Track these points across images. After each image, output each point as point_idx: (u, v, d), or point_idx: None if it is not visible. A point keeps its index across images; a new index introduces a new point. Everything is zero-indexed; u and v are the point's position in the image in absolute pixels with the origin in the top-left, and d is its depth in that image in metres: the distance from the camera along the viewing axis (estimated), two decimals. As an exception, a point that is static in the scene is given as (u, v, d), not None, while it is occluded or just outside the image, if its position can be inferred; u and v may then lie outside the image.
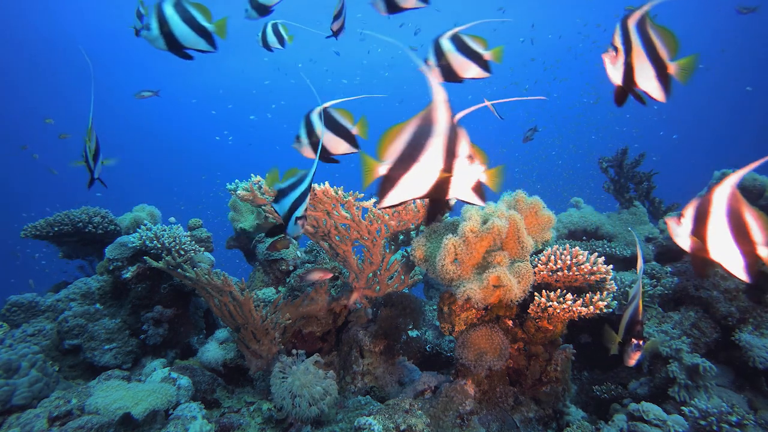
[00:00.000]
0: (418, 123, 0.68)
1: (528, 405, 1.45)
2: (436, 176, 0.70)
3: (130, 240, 1.97)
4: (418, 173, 0.70)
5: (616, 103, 0.99)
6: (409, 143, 0.70)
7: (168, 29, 1.20)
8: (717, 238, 0.76)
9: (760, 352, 1.66)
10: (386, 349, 1.90)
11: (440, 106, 0.67)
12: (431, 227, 1.55)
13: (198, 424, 1.47)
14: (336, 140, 1.19)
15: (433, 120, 0.67)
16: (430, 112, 0.67)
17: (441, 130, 0.67)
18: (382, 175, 0.73)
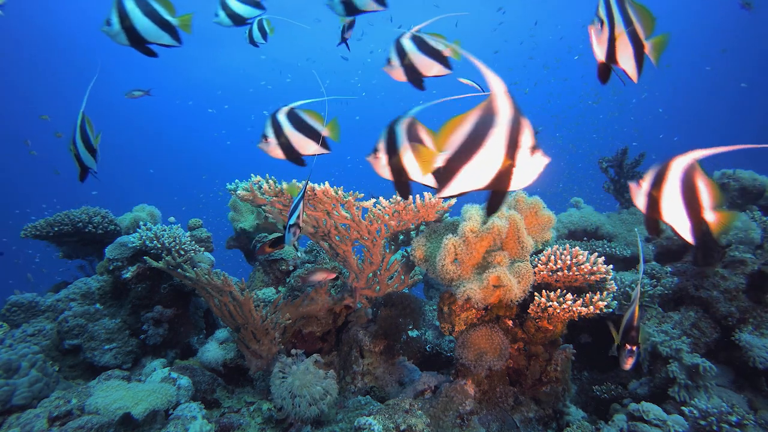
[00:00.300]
0: (479, 113, 0.68)
1: (528, 405, 1.45)
2: (498, 167, 0.69)
3: (130, 240, 1.97)
4: (479, 164, 0.70)
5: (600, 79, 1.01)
6: (469, 134, 0.69)
7: (129, 24, 1.17)
8: (669, 201, 0.84)
9: (760, 352, 1.67)
10: (386, 349, 1.90)
11: (501, 96, 0.66)
12: (431, 227, 1.55)
13: (198, 424, 1.47)
14: (305, 141, 1.18)
15: (494, 110, 0.67)
16: (491, 102, 0.66)
17: (503, 120, 0.66)
18: (440, 166, 0.72)
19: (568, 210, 2.78)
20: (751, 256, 1.85)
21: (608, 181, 2.92)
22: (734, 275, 1.84)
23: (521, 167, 0.68)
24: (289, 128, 1.16)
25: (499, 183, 0.71)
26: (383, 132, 0.99)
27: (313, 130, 1.17)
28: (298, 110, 1.17)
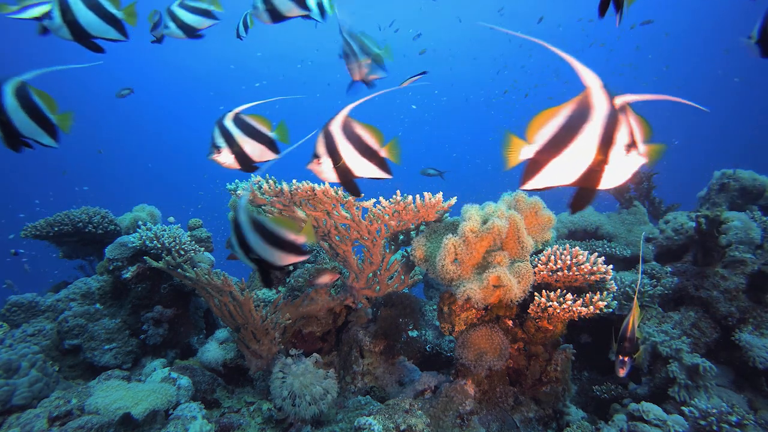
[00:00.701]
0: (573, 107, 0.65)
1: (528, 405, 1.45)
2: (589, 164, 0.66)
3: (130, 240, 1.97)
4: (569, 159, 0.67)
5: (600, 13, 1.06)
6: (561, 127, 0.66)
7: (72, 17, 1.11)
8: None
9: (760, 352, 1.67)
10: (386, 349, 1.90)
11: (597, 91, 0.63)
12: (431, 227, 1.55)
13: (198, 424, 1.47)
14: (259, 147, 1.13)
15: (590, 105, 0.64)
16: (587, 96, 0.64)
17: (598, 115, 0.64)
18: (529, 158, 0.70)
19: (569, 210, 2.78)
20: (751, 256, 1.85)
21: (608, 181, 2.91)
22: (734, 275, 1.84)
23: (614, 165, 0.65)
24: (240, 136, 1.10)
25: (588, 180, 0.68)
26: (320, 136, 0.97)
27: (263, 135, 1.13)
28: (243, 116, 1.12)
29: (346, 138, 0.98)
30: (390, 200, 1.55)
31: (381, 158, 1.01)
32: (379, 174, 1.03)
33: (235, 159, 1.12)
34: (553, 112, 0.67)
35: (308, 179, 1.55)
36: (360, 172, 1.01)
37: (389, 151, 1.01)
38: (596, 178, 0.67)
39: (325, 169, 0.99)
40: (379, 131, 1.01)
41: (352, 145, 0.98)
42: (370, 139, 0.99)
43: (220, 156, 1.11)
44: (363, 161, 1.00)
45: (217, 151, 1.10)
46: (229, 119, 1.10)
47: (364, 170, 1.01)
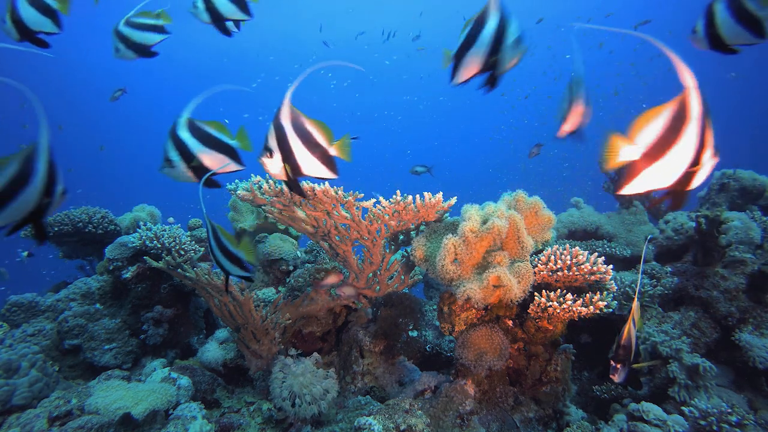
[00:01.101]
0: (673, 108, 0.65)
1: (528, 405, 1.45)
2: (685, 167, 0.66)
3: (130, 240, 1.97)
4: (667, 163, 0.66)
5: None
6: (663, 129, 0.66)
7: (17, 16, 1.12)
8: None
9: (760, 352, 1.67)
10: (386, 349, 1.90)
11: (693, 92, 0.63)
12: (431, 227, 1.55)
13: (198, 424, 1.47)
14: (220, 158, 1.03)
15: (687, 106, 0.64)
16: (685, 98, 0.64)
17: (694, 117, 0.64)
18: (630, 161, 0.69)
19: (568, 210, 2.78)
20: (751, 256, 1.85)
21: (608, 181, 2.92)
22: (734, 275, 1.84)
23: (704, 167, 0.65)
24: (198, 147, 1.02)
25: (682, 183, 0.67)
26: (272, 129, 0.92)
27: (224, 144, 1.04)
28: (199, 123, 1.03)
29: (296, 133, 0.93)
30: (390, 200, 1.55)
31: (330, 156, 0.97)
32: (326, 174, 0.98)
33: (193, 174, 1.03)
34: (655, 112, 0.66)
35: (308, 179, 1.55)
36: (308, 170, 0.96)
37: (339, 148, 0.97)
38: (689, 180, 0.66)
39: (276, 164, 0.94)
40: (328, 127, 0.96)
41: (301, 141, 0.93)
42: (319, 135, 0.95)
43: (173, 171, 1.02)
44: (312, 159, 0.95)
45: (169, 164, 1.01)
46: (184, 128, 1.01)
47: (313, 168, 0.97)
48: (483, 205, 1.43)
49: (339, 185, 1.55)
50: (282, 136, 0.92)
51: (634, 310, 1.16)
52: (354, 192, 1.56)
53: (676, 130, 0.64)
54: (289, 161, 0.94)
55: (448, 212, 1.61)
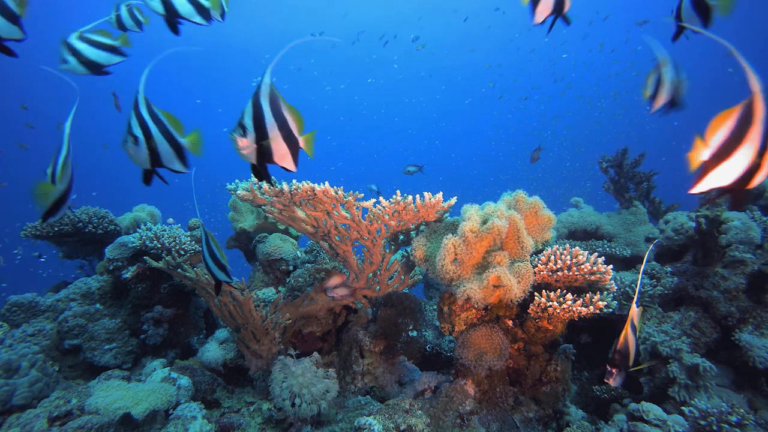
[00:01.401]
0: (741, 112, 0.69)
1: (528, 405, 1.45)
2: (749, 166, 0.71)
3: (130, 240, 1.97)
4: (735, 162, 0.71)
5: None
6: (731, 131, 0.71)
7: None
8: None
9: (760, 352, 1.66)
10: (386, 349, 1.90)
11: (758, 96, 0.66)
12: (431, 227, 1.55)
13: (198, 424, 1.47)
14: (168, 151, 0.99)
15: (753, 110, 0.68)
16: (751, 101, 0.68)
17: (760, 121, 0.67)
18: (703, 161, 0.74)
19: (568, 210, 2.78)
20: (751, 256, 1.85)
21: (608, 181, 2.92)
22: (734, 275, 1.84)
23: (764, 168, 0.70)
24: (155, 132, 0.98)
25: (744, 182, 0.72)
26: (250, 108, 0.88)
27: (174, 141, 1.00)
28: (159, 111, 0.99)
29: (273, 116, 0.89)
30: (390, 200, 1.55)
31: (297, 148, 0.94)
32: (290, 166, 0.95)
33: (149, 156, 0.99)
34: (726, 115, 0.71)
35: (308, 179, 1.55)
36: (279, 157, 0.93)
37: (306, 142, 0.95)
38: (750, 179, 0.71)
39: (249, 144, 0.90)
40: (302, 117, 0.94)
41: (277, 126, 0.90)
42: (293, 123, 0.92)
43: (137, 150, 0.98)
44: (284, 147, 0.92)
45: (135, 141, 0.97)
46: (144, 106, 0.96)
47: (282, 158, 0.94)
48: (483, 205, 1.43)
49: (339, 185, 1.55)
50: (259, 117, 0.89)
51: (633, 314, 1.15)
52: (354, 192, 1.56)
53: (742, 133, 0.69)
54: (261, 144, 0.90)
55: (448, 212, 1.61)
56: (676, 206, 2.85)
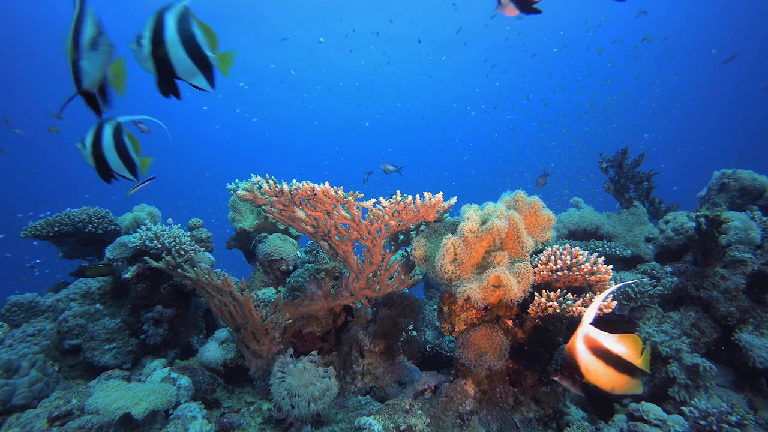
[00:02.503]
0: None
1: (528, 405, 1.45)
2: None
3: (130, 240, 1.97)
4: None
5: None
6: None
7: None
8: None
9: (760, 352, 1.66)
10: (386, 349, 1.90)
11: None
12: (431, 227, 1.55)
13: (198, 424, 1.47)
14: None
15: None
16: None
17: None
18: None
19: (568, 210, 2.78)
20: (751, 256, 1.85)
21: (608, 181, 2.92)
22: (734, 275, 1.84)
23: None
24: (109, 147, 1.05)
25: None
26: (150, 20, 0.83)
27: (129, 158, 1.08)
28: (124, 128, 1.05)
29: (177, 30, 0.84)
30: (390, 200, 1.55)
31: (209, 65, 0.89)
32: (202, 83, 0.91)
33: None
34: None
35: (308, 179, 1.55)
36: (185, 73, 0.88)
37: (222, 60, 0.90)
38: None
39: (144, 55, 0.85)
40: (214, 34, 0.89)
41: (180, 38, 0.85)
42: (203, 38, 0.88)
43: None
44: (188, 62, 0.87)
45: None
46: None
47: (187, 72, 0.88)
48: (482, 205, 1.43)
49: (339, 186, 1.55)
50: (159, 29, 0.84)
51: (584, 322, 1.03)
52: (354, 192, 1.56)
53: None
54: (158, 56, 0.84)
55: (448, 212, 1.61)
56: (676, 206, 2.85)
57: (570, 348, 1.02)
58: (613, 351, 0.98)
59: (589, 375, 0.99)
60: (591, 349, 1.00)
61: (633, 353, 0.99)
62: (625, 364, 0.98)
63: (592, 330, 1.01)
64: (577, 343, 1.01)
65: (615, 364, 0.98)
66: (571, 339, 1.02)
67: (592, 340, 1.00)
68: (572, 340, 1.02)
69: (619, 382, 0.99)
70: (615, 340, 1.00)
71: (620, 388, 0.99)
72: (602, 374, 0.98)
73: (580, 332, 1.01)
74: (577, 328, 1.02)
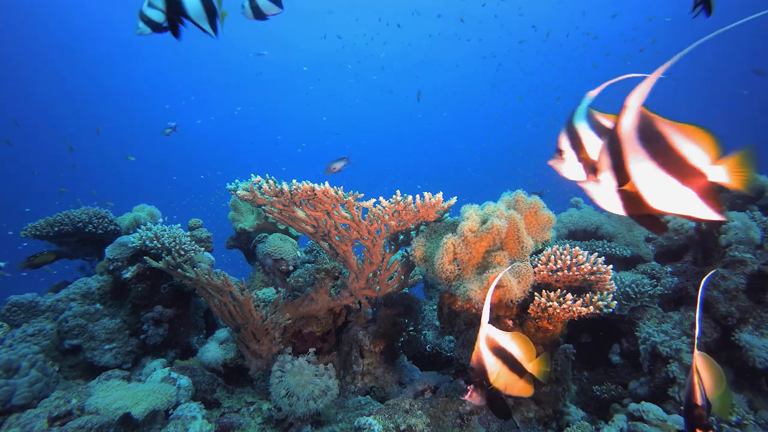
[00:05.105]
0: None
1: (528, 405, 1.45)
2: None
3: (130, 240, 1.97)
4: None
5: None
6: None
7: None
8: None
9: (760, 352, 1.66)
10: (386, 349, 1.90)
11: None
12: (431, 227, 1.55)
13: (198, 424, 1.47)
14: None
15: None
16: None
17: None
18: None
19: (568, 210, 2.78)
20: (751, 256, 1.85)
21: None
22: (734, 275, 1.84)
23: None
24: None
25: None
26: None
27: None
28: None
29: None
30: (390, 200, 1.55)
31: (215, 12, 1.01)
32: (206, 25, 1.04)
33: None
34: None
35: (308, 180, 1.55)
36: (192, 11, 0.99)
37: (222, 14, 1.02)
38: None
39: None
40: None
41: None
42: None
43: None
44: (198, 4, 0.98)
45: None
46: None
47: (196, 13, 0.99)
48: (482, 205, 1.43)
49: (339, 185, 1.55)
50: None
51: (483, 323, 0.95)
52: (354, 192, 1.56)
53: None
54: None
55: (448, 212, 1.61)
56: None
57: (477, 354, 0.95)
58: (506, 349, 0.95)
59: (492, 377, 0.95)
60: (492, 349, 0.95)
61: (525, 355, 0.96)
62: (515, 364, 0.95)
63: (492, 330, 0.96)
64: (481, 346, 0.95)
65: (508, 363, 0.95)
66: (476, 345, 0.96)
67: (491, 340, 0.96)
68: (476, 345, 0.96)
69: (510, 380, 0.95)
70: (509, 338, 0.97)
71: (511, 387, 0.95)
72: (501, 374, 0.95)
73: (481, 334, 0.95)
74: (479, 331, 0.96)
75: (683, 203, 0.60)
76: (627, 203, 0.64)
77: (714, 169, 0.56)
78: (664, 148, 0.59)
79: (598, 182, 0.65)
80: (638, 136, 0.60)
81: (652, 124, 0.60)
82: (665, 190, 0.60)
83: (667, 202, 0.61)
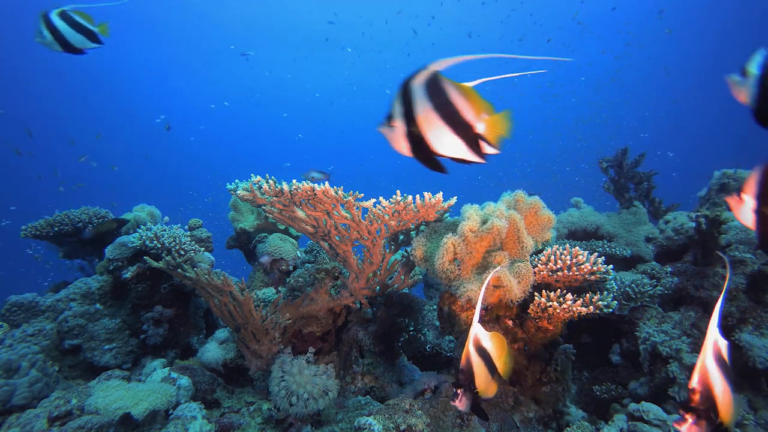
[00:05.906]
0: None
1: (528, 405, 1.45)
2: None
3: (130, 240, 1.97)
4: None
5: None
6: None
7: None
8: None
9: (760, 352, 1.66)
10: (386, 349, 1.90)
11: None
12: (431, 227, 1.55)
13: (198, 424, 1.47)
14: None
15: None
16: None
17: None
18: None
19: (568, 210, 2.78)
20: (751, 256, 1.85)
21: (608, 181, 2.92)
22: (734, 275, 1.84)
23: None
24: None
25: None
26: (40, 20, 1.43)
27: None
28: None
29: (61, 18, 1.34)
30: (390, 200, 1.55)
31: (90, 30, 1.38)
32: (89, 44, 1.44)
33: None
34: None
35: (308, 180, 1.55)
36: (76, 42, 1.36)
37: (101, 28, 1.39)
38: None
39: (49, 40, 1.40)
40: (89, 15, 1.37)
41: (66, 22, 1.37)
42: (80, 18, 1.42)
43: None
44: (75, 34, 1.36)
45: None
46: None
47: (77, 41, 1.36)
48: (483, 205, 1.43)
49: (339, 185, 1.55)
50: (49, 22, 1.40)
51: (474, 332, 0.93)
52: (354, 192, 1.56)
53: None
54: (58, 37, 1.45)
55: (449, 212, 1.61)
56: (676, 206, 2.85)
57: (466, 355, 0.93)
58: (484, 346, 0.94)
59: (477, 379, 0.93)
60: (477, 349, 0.94)
61: (496, 352, 0.95)
62: (489, 361, 0.94)
63: (480, 329, 0.94)
64: (470, 347, 0.93)
65: (485, 360, 0.94)
66: (465, 346, 0.94)
67: (477, 340, 0.94)
68: (466, 346, 0.94)
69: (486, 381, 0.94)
70: (488, 337, 0.96)
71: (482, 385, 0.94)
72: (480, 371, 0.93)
73: (471, 335, 0.94)
74: (469, 332, 0.94)
75: (456, 148, 0.74)
76: (413, 146, 0.75)
77: (479, 124, 0.71)
78: (445, 103, 0.71)
79: (393, 127, 0.74)
80: (426, 90, 0.71)
81: (439, 81, 0.71)
82: (443, 137, 0.73)
83: (444, 147, 0.74)
